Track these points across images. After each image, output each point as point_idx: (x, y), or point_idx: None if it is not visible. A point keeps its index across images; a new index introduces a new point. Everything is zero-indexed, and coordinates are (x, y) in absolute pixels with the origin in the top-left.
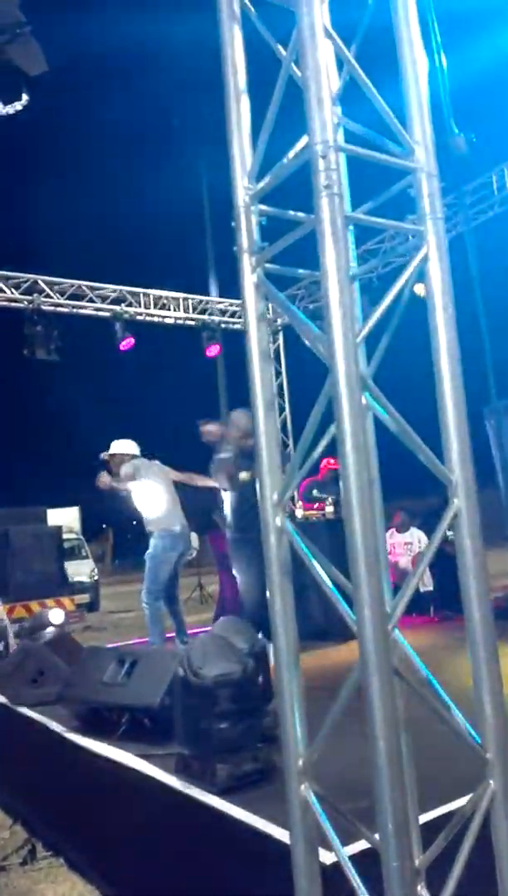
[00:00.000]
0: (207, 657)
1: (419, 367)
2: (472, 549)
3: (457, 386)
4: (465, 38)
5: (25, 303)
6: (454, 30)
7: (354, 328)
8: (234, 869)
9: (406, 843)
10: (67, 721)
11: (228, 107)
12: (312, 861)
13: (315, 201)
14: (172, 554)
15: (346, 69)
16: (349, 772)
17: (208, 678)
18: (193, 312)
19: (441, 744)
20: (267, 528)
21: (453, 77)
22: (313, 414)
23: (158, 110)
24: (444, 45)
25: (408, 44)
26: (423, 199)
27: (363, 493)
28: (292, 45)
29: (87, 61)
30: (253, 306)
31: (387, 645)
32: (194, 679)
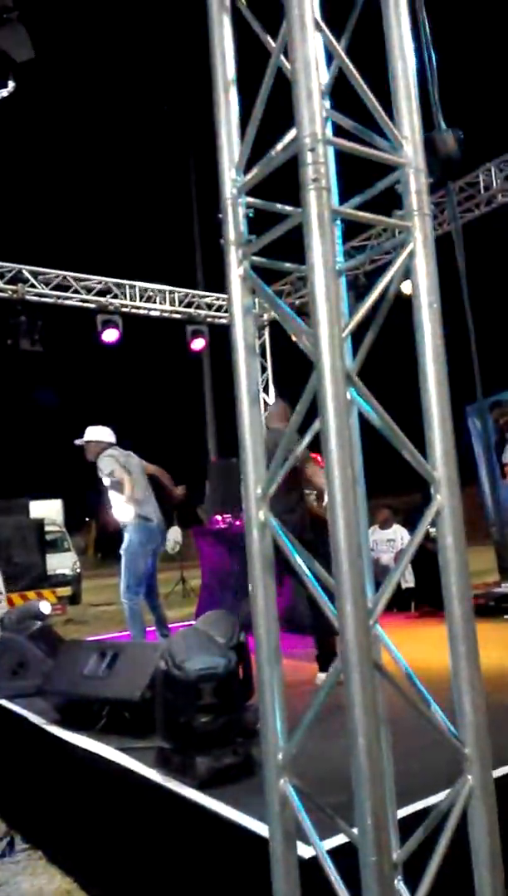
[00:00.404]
0: (189, 651)
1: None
2: (454, 546)
3: (442, 383)
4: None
5: (9, 292)
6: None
7: (340, 323)
8: (212, 862)
9: (384, 837)
10: (46, 713)
11: (216, 98)
12: (290, 855)
13: (302, 195)
14: (148, 547)
15: (335, 62)
16: (329, 766)
17: (191, 672)
18: (179, 306)
19: (419, 738)
20: (250, 522)
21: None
22: (297, 409)
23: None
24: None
25: (397, 38)
26: (411, 195)
27: (347, 489)
28: (281, 37)
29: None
30: (239, 299)
31: (368, 640)
32: (176, 672)
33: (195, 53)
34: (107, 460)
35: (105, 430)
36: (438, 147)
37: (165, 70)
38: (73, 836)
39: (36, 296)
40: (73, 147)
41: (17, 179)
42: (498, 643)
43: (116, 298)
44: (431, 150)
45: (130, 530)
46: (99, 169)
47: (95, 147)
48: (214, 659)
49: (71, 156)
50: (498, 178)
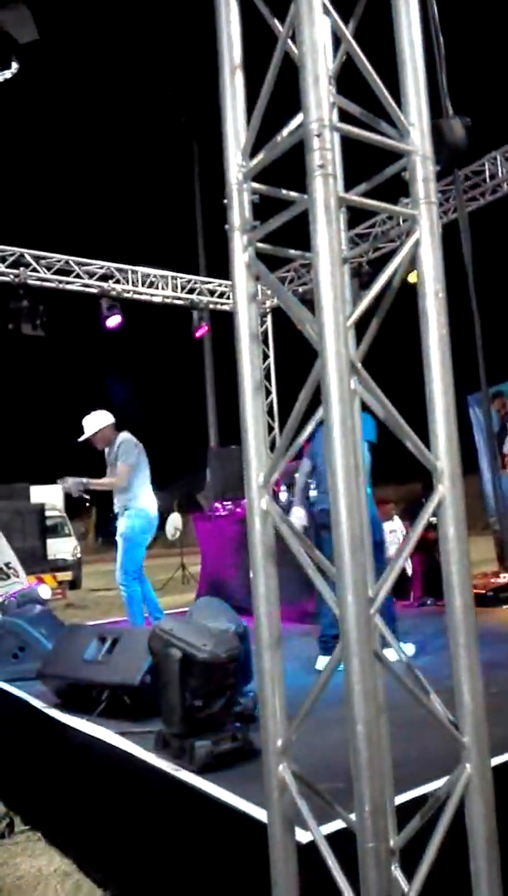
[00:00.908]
0: (204, 635)
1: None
2: (455, 536)
3: (446, 373)
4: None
5: (11, 277)
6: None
7: (344, 311)
8: (210, 846)
9: (382, 824)
10: (46, 697)
11: (222, 82)
12: (288, 840)
13: (308, 181)
14: (147, 535)
15: (343, 47)
16: (327, 753)
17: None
18: (181, 292)
19: (416, 726)
20: (251, 510)
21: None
22: (300, 398)
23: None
24: (442, 27)
25: (406, 23)
26: (417, 183)
27: (350, 478)
28: (289, 21)
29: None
30: (243, 286)
31: (369, 629)
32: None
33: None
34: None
35: (105, 414)
36: (445, 134)
37: (169, 53)
38: (72, 819)
39: (38, 280)
40: (76, 131)
41: (19, 163)
42: (497, 633)
43: (118, 283)
44: (438, 137)
45: (130, 517)
46: (102, 153)
47: (98, 131)
48: (213, 643)
49: (74, 139)
50: (504, 167)
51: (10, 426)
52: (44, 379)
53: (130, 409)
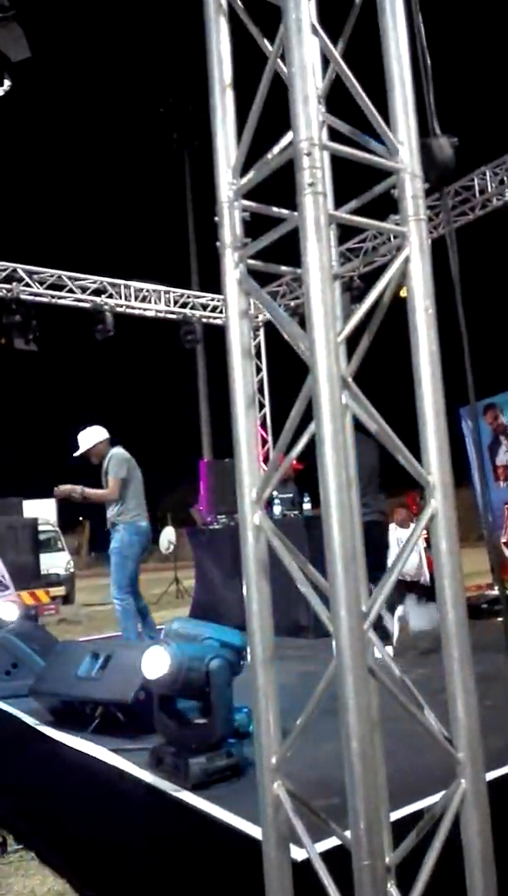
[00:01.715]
0: (199, 651)
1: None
2: (448, 550)
3: (437, 387)
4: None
5: (4, 291)
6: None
7: (335, 327)
8: (205, 864)
9: (378, 841)
10: (40, 714)
11: (213, 101)
12: (283, 858)
13: (299, 199)
14: (137, 549)
15: (331, 67)
16: (321, 769)
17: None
18: (174, 306)
19: (410, 741)
20: (244, 525)
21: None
22: (293, 413)
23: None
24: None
25: (394, 43)
26: (406, 200)
27: (342, 493)
28: (278, 41)
29: (71, 50)
30: (235, 302)
31: (363, 644)
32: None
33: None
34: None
35: (100, 429)
36: (434, 152)
37: (160, 71)
38: (66, 838)
39: (31, 295)
40: (68, 147)
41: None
42: (490, 646)
43: (111, 298)
44: (427, 156)
45: (120, 530)
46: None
47: (91, 147)
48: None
49: (67, 156)
50: (493, 182)
51: (2, 440)
52: (37, 394)
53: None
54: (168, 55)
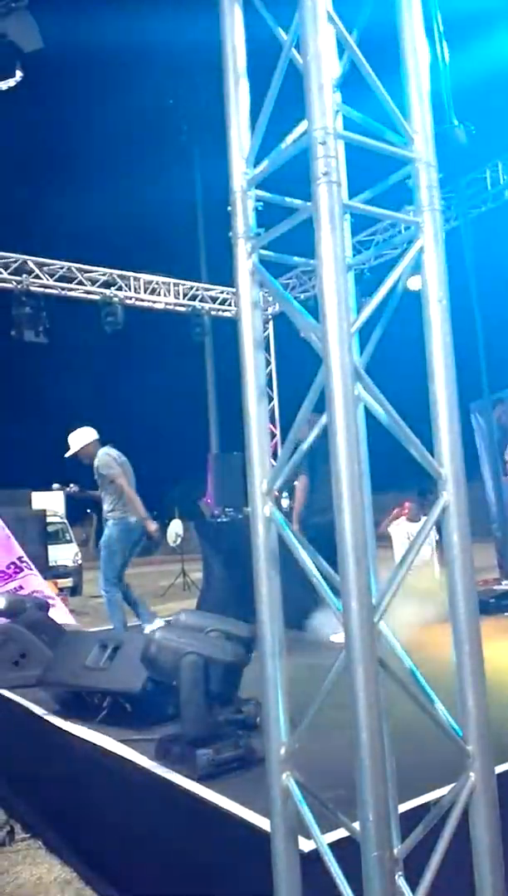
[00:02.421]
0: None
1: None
2: (459, 544)
3: (450, 380)
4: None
5: (14, 283)
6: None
7: (348, 318)
8: (211, 854)
9: (386, 833)
10: (48, 704)
11: (227, 90)
12: (291, 849)
13: (313, 188)
14: (126, 543)
15: (347, 55)
16: (327, 760)
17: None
18: (183, 298)
19: (418, 733)
20: (255, 516)
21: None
22: (304, 405)
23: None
24: (445, 35)
25: (410, 32)
26: (421, 190)
27: (354, 485)
28: (293, 30)
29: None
30: (247, 293)
31: (373, 637)
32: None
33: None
34: (106, 459)
35: (90, 430)
36: (449, 142)
37: (170, 61)
38: (73, 827)
39: (40, 287)
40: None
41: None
42: (499, 640)
43: (120, 290)
44: (442, 146)
45: (110, 526)
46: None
47: (100, 139)
48: (217, 650)
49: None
50: (506, 174)
51: (11, 432)
52: (45, 385)
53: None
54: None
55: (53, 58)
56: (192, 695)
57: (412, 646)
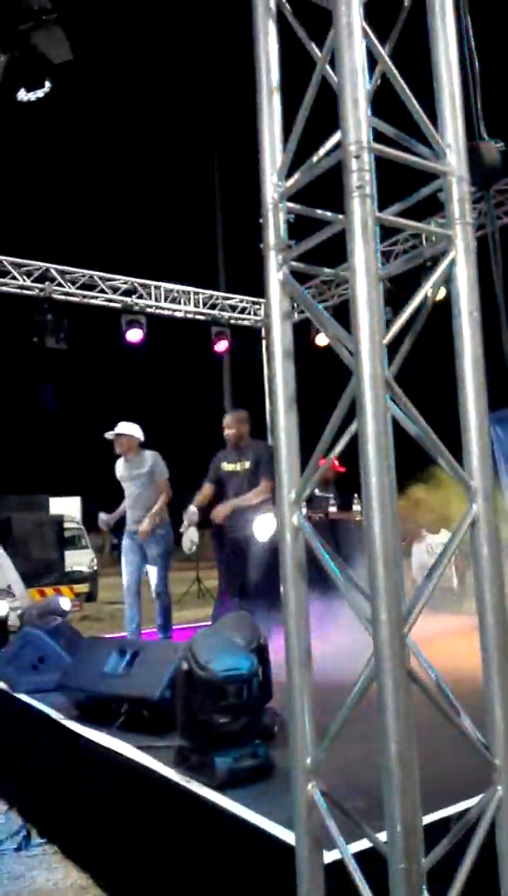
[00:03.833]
0: (211, 651)
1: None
2: (489, 555)
3: (480, 392)
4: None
5: (36, 290)
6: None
7: (380, 330)
8: (229, 863)
9: (414, 845)
10: (65, 709)
11: (260, 103)
12: (315, 860)
13: (346, 201)
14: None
15: (379, 68)
16: (347, 771)
17: (217, 672)
18: (202, 307)
19: (440, 745)
20: (283, 526)
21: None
22: (334, 415)
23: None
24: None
25: (443, 45)
26: (452, 203)
27: (385, 496)
28: (328, 45)
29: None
30: (278, 304)
31: (403, 648)
32: (200, 673)
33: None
34: (162, 463)
35: (138, 428)
36: (483, 156)
37: (192, 72)
38: (89, 833)
39: (62, 294)
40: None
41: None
42: None
43: (141, 299)
44: (474, 160)
45: (162, 535)
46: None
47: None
48: (238, 660)
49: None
50: None
51: (30, 438)
52: (65, 392)
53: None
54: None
55: (79, 68)
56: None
57: (436, 657)
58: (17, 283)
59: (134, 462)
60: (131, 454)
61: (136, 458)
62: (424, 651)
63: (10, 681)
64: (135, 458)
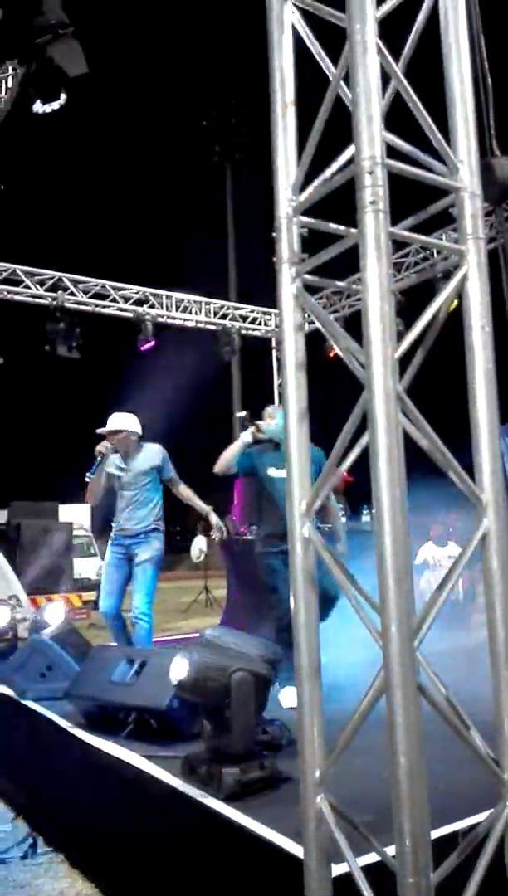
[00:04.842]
0: (221, 661)
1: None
2: (500, 569)
3: (492, 406)
4: None
5: (49, 299)
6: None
7: (393, 344)
8: (236, 875)
9: (423, 859)
10: (73, 717)
11: (274, 118)
12: (324, 872)
13: (359, 216)
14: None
15: (392, 84)
16: (353, 785)
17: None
18: (213, 317)
19: (447, 759)
20: (293, 537)
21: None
22: (346, 427)
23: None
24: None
25: (456, 61)
26: (465, 219)
27: (396, 509)
28: (342, 61)
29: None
30: (291, 316)
31: (413, 662)
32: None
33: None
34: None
35: (136, 420)
36: (496, 173)
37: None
38: (96, 842)
39: (75, 304)
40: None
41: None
42: None
43: (152, 308)
44: (488, 176)
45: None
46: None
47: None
48: (245, 671)
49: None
50: None
51: (42, 445)
52: (76, 400)
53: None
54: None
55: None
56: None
57: (446, 669)
58: (29, 292)
59: (136, 457)
60: (131, 450)
61: (137, 453)
62: (433, 664)
63: (18, 688)
64: (136, 453)
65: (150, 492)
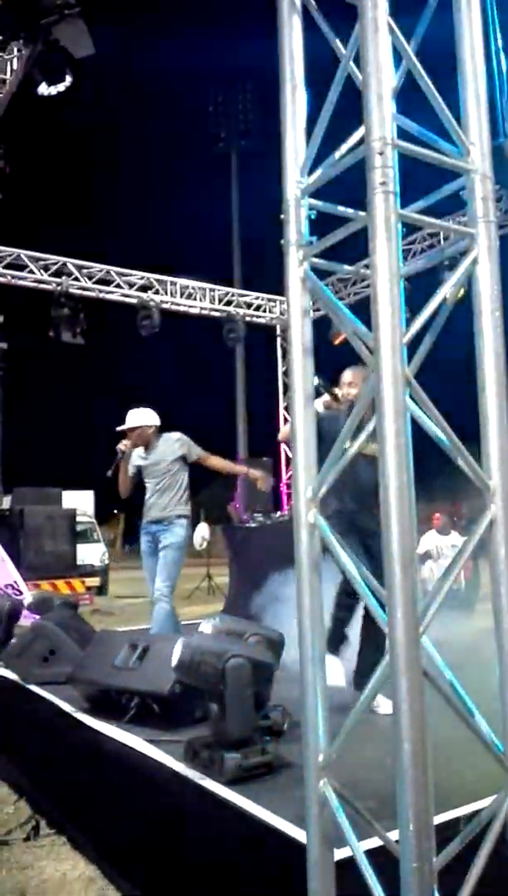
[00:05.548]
0: (218, 647)
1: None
2: (507, 556)
3: (501, 392)
4: None
5: (53, 285)
6: None
7: (401, 328)
8: (238, 859)
9: (427, 844)
10: (76, 701)
11: (283, 99)
12: (326, 857)
13: (369, 198)
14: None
15: (403, 65)
16: (355, 771)
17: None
18: (218, 304)
19: (450, 746)
20: (299, 523)
21: None
22: (353, 412)
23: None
24: None
25: (469, 43)
26: (476, 202)
27: (402, 495)
28: (352, 41)
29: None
30: (298, 300)
31: (418, 648)
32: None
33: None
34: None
35: (153, 414)
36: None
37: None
38: (98, 825)
39: (79, 289)
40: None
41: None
42: None
43: (157, 294)
44: (500, 159)
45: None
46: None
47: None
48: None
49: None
50: None
51: (45, 431)
52: (80, 386)
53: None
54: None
55: (98, 65)
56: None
57: (450, 657)
58: (34, 277)
59: (156, 448)
60: (151, 442)
61: (157, 443)
62: (438, 651)
63: (21, 672)
64: (156, 443)
65: (172, 480)
